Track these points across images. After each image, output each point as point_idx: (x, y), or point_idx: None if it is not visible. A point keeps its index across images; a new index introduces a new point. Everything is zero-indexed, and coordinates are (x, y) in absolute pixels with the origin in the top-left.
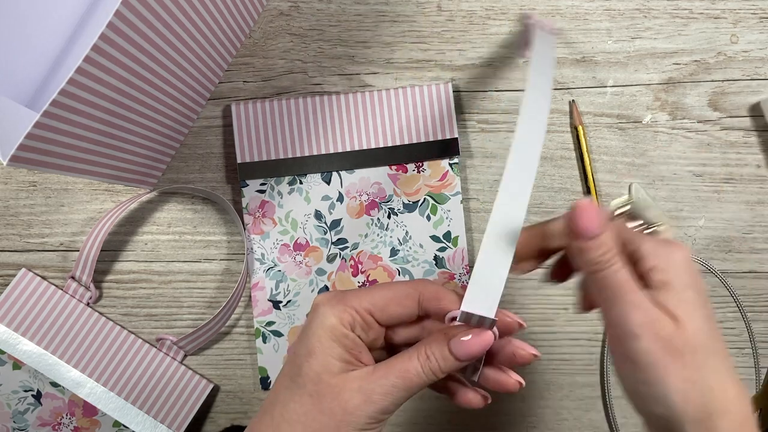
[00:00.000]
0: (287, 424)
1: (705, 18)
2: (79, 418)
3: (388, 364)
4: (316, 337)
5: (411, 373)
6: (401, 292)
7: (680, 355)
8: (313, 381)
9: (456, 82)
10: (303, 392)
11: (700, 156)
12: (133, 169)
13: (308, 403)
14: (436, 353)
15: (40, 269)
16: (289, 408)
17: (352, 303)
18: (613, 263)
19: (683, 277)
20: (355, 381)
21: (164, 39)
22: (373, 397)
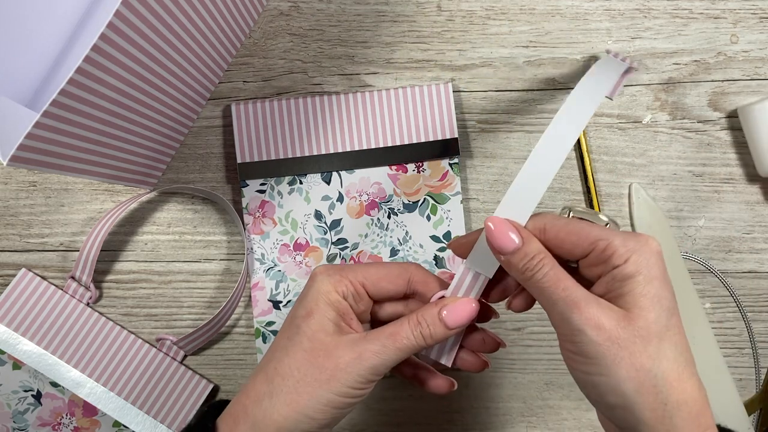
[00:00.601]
0: (280, 377)
1: (705, 18)
2: (79, 418)
3: (378, 329)
4: (313, 301)
5: (401, 336)
6: (393, 271)
7: (628, 346)
8: (309, 338)
9: (456, 82)
10: (298, 348)
11: (700, 156)
12: (133, 169)
13: (302, 359)
14: (427, 319)
15: (40, 269)
16: (284, 363)
17: (348, 275)
18: (540, 266)
19: (650, 269)
20: (348, 341)
21: (164, 39)
22: (364, 355)
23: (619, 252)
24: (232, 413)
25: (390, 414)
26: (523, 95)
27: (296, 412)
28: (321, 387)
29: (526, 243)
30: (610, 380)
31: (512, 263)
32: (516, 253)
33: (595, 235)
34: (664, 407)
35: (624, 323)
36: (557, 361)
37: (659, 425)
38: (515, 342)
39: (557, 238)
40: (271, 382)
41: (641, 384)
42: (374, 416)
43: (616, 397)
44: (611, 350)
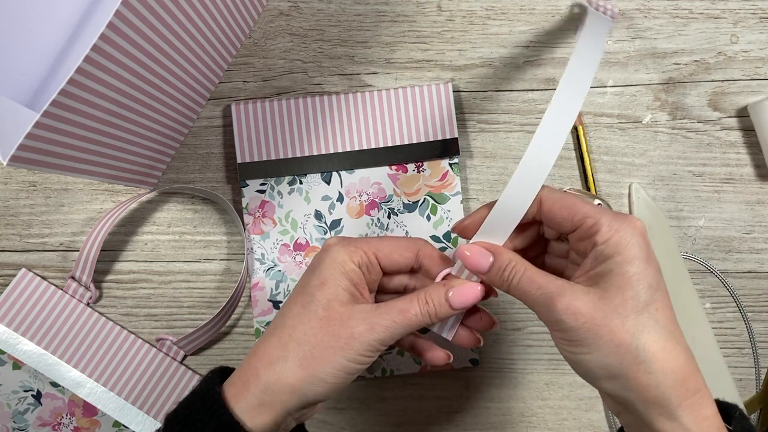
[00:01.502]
0: (296, 343)
1: (705, 18)
2: (79, 418)
3: (389, 303)
4: (328, 270)
5: (410, 313)
6: (403, 245)
7: (605, 323)
8: (324, 307)
9: (456, 82)
10: (313, 316)
11: (700, 156)
12: (133, 169)
13: (317, 326)
14: (434, 299)
15: (40, 269)
16: (299, 330)
17: (362, 246)
18: (514, 273)
19: (632, 249)
20: (362, 312)
21: (164, 39)
22: (376, 328)
23: (603, 231)
24: (241, 376)
25: (390, 414)
26: (523, 95)
27: (311, 375)
28: (336, 353)
29: (497, 257)
30: (595, 356)
31: (491, 279)
32: (491, 270)
33: (585, 211)
34: (648, 376)
35: (600, 304)
36: (557, 361)
37: (646, 392)
38: (515, 342)
39: (551, 211)
40: (285, 347)
41: (623, 356)
42: (374, 416)
43: (602, 370)
44: (591, 331)
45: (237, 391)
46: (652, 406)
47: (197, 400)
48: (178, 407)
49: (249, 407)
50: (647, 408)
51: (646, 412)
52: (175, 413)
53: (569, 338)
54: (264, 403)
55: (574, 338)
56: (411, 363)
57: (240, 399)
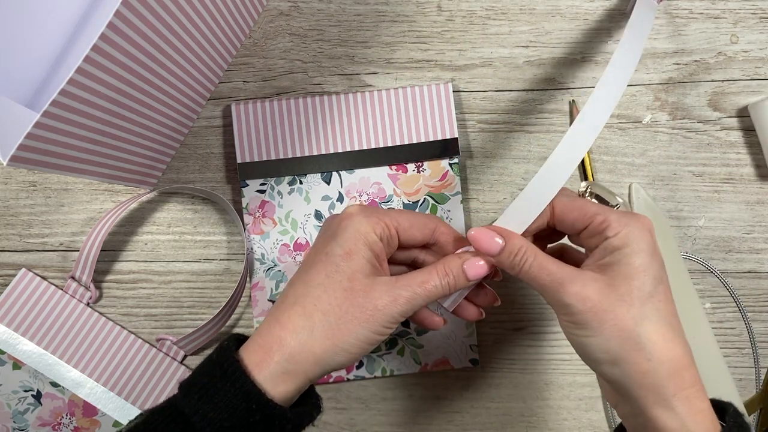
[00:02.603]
0: (321, 313)
1: (705, 18)
2: (79, 418)
3: (410, 275)
4: (353, 241)
5: (431, 284)
6: (423, 220)
7: (611, 310)
8: (349, 278)
9: (456, 82)
10: (338, 287)
11: (700, 156)
12: (133, 169)
13: (342, 297)
14: (453, 270)
15: (40, 269)
16: (323, 300)
17: (383, 218)
18: (525, 259)
19: (639, 243)
20: (384, 284)
21: (164, 39)
22: (399, 300)
23: (613, 225)
24: (262, 345)
25: (390, 414)
26: (523, 95)
27: (335, 346)
28: (360, 325)
29: (508, 242)
30: (598, 340)
31: (501, 262)
32: (502, 253)
33: (594, 211)
34: (648, 363)
35: (607, 291)
36: (557, 361)
37: (644, 379)
38: (515, 342)
39: (563, 213)
40: (310, 317)
41: (625, 342)
42: (374, 416)
43: (603, 354)
44: (597, 316)
45: (259, 359)
46: (649, 393)
47: (216, 368)
48: (195, 375)
49: (272, 376)
50: (644, 395)
51: (642, 400)
52: (191, 381)
53: (575, 321)
54: (287, 372)
55: (580, 321)
56: (411, 363)
57: (263, 367)
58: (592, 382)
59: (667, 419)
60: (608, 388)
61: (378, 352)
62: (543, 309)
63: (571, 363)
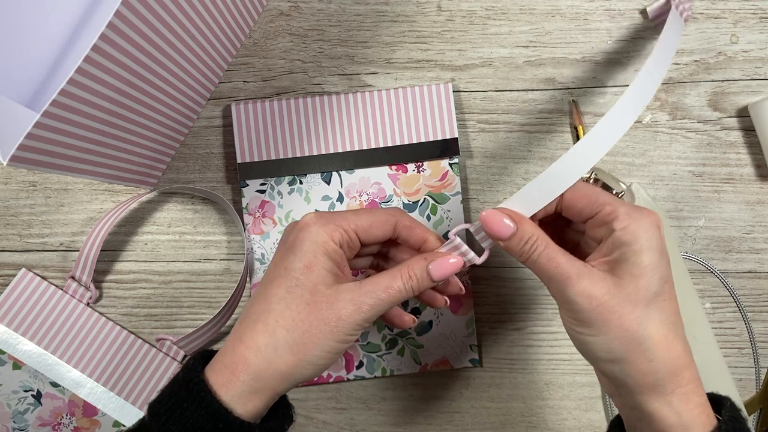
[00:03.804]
0: (284, 329)
1: (705, 18)
2: (79, 418)
3: (373, 280)
4: (311, 253)
5: (394, 289)
6: (381, 218)
7: (616, 310)
8: (311, 291)
9: (456, 82)
10: (300, 301)
11: (700, 156)
12: (133, 169)
13: (305, 311)
14: (417, 273)
15: (40, 269)
16: (286, 315)
17: (341, 223)
18: (536, 247)
19: (648, 239)
20: (347, 293)
21: (164, 39)
22: (362, 308)
23: (621, 218)
24: (228, 364)
25: (390, 414)
26: (523, 95)
27: (301, 360)
28: (325, 337)
29: (519, 227)
30: (601, 339)
31: (510, 247)
32: (512, 238)
33: (603, 200)
34: (650, 363)
35: (614, 290)
36: (557, 361)
37: (645, 378)
38: (515, 342)
39: (572, 199)
40: (273, 334)
41: (628, 342)
42: (374, 416)
43: (606, 353)
44: (602, 315)
45: (225, 380)
46: (648, 391)
47: (182, 388)
48: (163, 396)
49: (239, 395)
50: (642, 392)
51: (640, 396)
52: (159, 403)
53: (578, 318)
54: (254, 390)
55: (584, 319)
56: (411, 363)
57: (230, 387)
58: (592, 382)
59: (665, 414)
60: (606, 381)
61: (378, 352)
62: (543, 309)
63: (571, 363)
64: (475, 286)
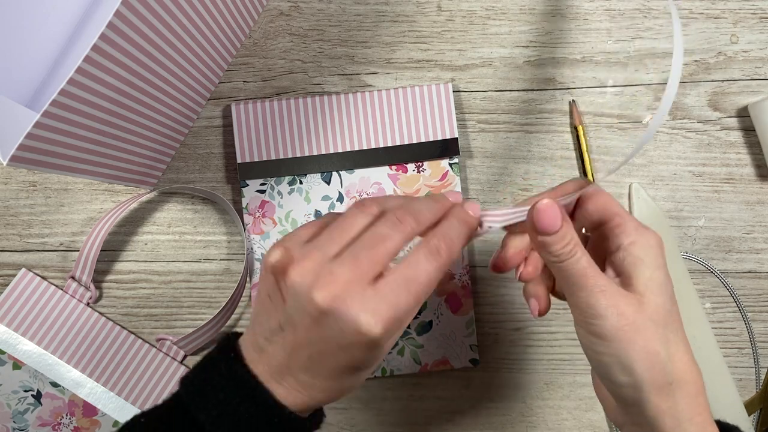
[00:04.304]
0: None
1: (705, 18)
2: (79, 418)
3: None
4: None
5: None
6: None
7: (643, 330)
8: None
9: (456, 82)
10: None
11: (700, 156)
12: (133, 169)
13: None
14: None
15: (40, 269)
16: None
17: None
18: (574, 253)
19: (656, 258)
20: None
21: (164, 39)
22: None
23: (629, 232)
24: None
25: (390, 414)
26: (523, 95)
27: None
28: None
29: (564, 226)
30: (623, 360)
31: (550, 244)
32: (556, 235)
33: (615, 210)
34: (669, 386)
35: (639, 309)
36: (557, 361)
37: (662, 402)
38: (515, 342)
39: (588, 198)
40: None
41: (652, 365)
42: (374, 416)
43: (627, 375)
44: (628, 334)
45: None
46: (666, 417)
47: (229, 384)
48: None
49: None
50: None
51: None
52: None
53: (602, 335)
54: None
55: (609, 337)
56: (411, 363)
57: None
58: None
59: None
60: (616, 409)
61: None
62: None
63: (571, 363)
64: (474, 286)
